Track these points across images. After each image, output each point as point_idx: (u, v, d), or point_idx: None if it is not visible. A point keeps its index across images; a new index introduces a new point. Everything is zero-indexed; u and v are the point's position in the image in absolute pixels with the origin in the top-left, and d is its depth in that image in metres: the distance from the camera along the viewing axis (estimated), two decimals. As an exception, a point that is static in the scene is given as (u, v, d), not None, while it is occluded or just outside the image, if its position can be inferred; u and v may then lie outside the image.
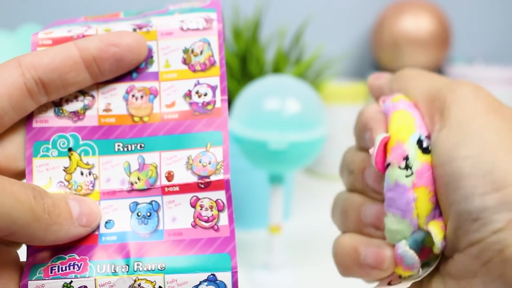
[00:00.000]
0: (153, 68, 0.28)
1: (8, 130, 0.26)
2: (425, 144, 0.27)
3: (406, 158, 0.26)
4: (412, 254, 0.27)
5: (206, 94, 0.27)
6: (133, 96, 0.27)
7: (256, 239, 0.74)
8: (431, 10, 1.08)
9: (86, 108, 0.27)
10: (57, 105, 0.27)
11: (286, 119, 0.57)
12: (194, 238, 0.25)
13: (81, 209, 0.25)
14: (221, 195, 0.26)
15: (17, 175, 0.26)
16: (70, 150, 0.27)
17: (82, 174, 0.26)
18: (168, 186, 0.26)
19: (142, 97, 0.27)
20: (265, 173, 0.66)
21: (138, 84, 0.27)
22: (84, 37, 0.27)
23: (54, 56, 0.25)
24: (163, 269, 0.25)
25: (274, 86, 0.61)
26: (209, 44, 0.28)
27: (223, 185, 0.26)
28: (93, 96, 0.27)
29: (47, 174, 0.26)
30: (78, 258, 0.25)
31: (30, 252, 0.25)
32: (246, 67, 0.83)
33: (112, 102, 0.27)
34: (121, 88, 0.27)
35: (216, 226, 0.26)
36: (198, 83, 0.27)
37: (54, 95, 0.26)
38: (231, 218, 0.26)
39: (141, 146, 0.27)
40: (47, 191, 0.24)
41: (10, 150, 0.26)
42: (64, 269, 0.24)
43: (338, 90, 0.98)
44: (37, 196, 0.23)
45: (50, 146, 0.27)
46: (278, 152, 0.56)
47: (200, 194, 0.26)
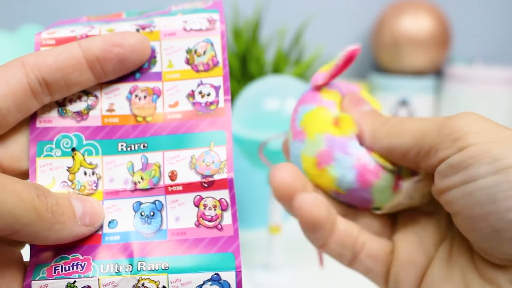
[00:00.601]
0: (156, 68, 0.28)
1: (12, 130, 0.26)
2: None
3: None
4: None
5: (209, 94, 0.27)
6: (136, 96, 0.27)
7: (256, 239, 0.74)
8: (431, 10, 1.09)
9: (89, 108, 0.27)
10: (60, 105, 0.27)
11: (286, 119, 0.57)
12: (197, 238, 0.25)
13: (84, 208, 0.25)
14: (224, 194, 0.26)
15: (20, 175, 0.26)
16: (73, 150, 0.27)
17: (85, 174, 0.26)
18: (171, 186, 0.26)
19: (145, 97, 0.27)
20: (265, 173, 0.66)
21: (141, 84, 0.27)
22: (87, 37, 0.27)
23: (57, 56, 0.26)
24: (167, 268, 0.25)
25: (274, 86, 0.61)
26: (212, 44, 0.28)
27: (227, 184, 0.26)
28: (96, 96, 0.27)
29: (51, 174, 0.26)
30: (81, 258, 0.25)
31: (34, 252, 0.25)
32: (246, 67, 0.83)
33: (115, 102, 0.27)
34: (124, 88, 0.27)
35: (219, 226, 0.26)
36: (201, 83, 0.27)
37: (58, 95, 0.26)
38: (235, 217, 0.26)
39: (144, 146, 0.27)
40: (51, 190, 0.24)
41: (14, 150, 0.26)
42: (67, 269, 0.24)
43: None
44: (40, 195, 0.23)
45: (54, 146, 0.27)
46: (278, 152, 0.56)
47: (203, 194, 0.26)
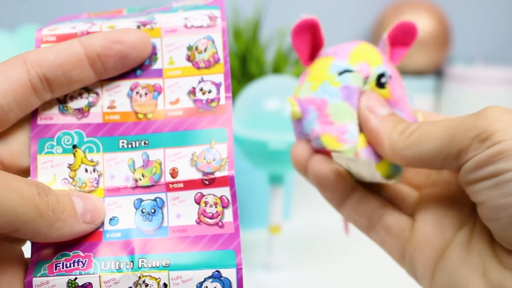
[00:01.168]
0: (157, 65, 0.28)
1: (13, 127, 0.26)
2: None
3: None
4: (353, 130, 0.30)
5: (210, 91, 0.27)
6: (137, 93, 0.27)
7: (256, 239, 0.74)
8: (431, 10, 1.09)
9: (90, 105, 0.27)
10: (61, 102, 0.27)
11: (286, 119, 0.57)
12: (198, 235, 0.25)
13: (85, 205, 0.25)
14: (225, 192, 0.26)
15: (21, 172, 0.26)
16: (74, 147, 0.27)
17: (86, 171, 0.26)
18: (172, 183, 0.26)
19: (146, 94, 0.27)
20: (265, 173, 0.66)
21: (142, 81, 0.27)
22: (88, 34, 0.27)
23: (58, 53, 0.26)
24: (168, 265, 0.25)
25: (274, 86, 0.61)
26: (213, 41, 0.28)
27: (228, 181, 0.26)
28: (97, 93, 0.27)
29: (52, 171, 0.26)
30: (82, 254, 0.25)
31: (35, 249, 0.25)
32: (246, 67, 0.83)
33: (116, 99, 0.27)
34: (125, 85, 0.27)
35: (220, 223, 0.26)
36: (202, 80, 0.27)
37: (59, 92, 0.26)
38: (236, 214, 0.26)
39: (145, 143, 0.27)
40: (52, 188, 0.24)
41: (15, 147, 0.26)
42: (68, 265, 0.24)
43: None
44: (41, 192, 0.23)
45: (55, 143, 0.27)
46: (278, 152, 0.56)
47: (204, 191, 0.26)
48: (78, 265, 0.24)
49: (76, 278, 0.24)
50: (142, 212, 0.26)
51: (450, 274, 0.28)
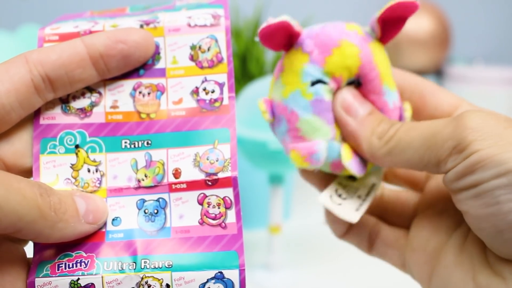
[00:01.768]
0: (160, 64, 0.27)
1: (15, 127, 0.26)
2: None
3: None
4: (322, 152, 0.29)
5: (213, 91, 0.27)
6: (140, 92, 0.27)
7: (256, 239, 0.73)
8: (431, 10, 1.09)
9: (93, 105, 0.27)
10: (64, 102, 0.27)
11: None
12: (201, 236, 0.25)
13: (87, 206, 0.25)
14: (228, 193, 0.26)
15: (24, 172, 0.26)
16: (77, 147, 0.26)
17: (89, 171, 0.26)
18: (175, 183, 0.26)
19: (149, 93, 0.27)
20: (265, 173, 0.66)
21: (145, 80, 0.27)
22: (91, 33, 0.27)
23: (61, 52, 0.25)
24: (170, 266, 0.24)
25: (275, 86, 0.61)
26: (216, 40, 0.28)
27: (231, 182, 0.26)
28: (100, 93, 0.27)
29: (54, 171, 0.26)
30: (85, 255, 0.25)
31: (37, 249, 0.25)
32: (246, 67, 0.83)
33: (119, 99, 0.27)
34: (128, 84, 0.27)
35: (223, 224, 0.26)
36: (205, 80, 0.27)
37: (61, 92, 0.26)
38: (239, 215, 0.26)
39: (148, 143, 0.27)
40: (54, 189, 0.24)
41: (18, 147, 0.26)
42: (71, 266, 0.24)
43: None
44: (43, 193, 0.23)
45: (57, 143, 0.26)
46: (278, 152, 0.56)
47: (207, 192, 0.26)
48: (80, 265, 0.24)
49: (78, 279, 0.24)
50: (145, 212, 0.26)
51: (444, 277, 0.28)
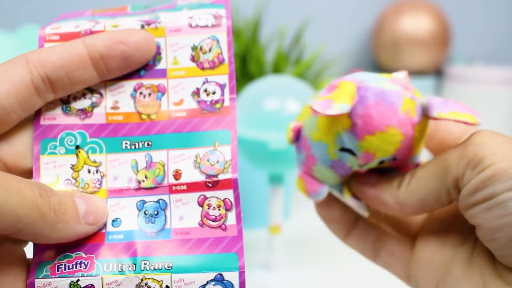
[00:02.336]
0: (161, 65, 0.27)
1: (15, 127, 0.26)
2: None
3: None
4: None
5: (214, 93, 0.27)
6: (140, 93, 0.27)
7: (256, 239, 0.73)
8: (431, 10, 1.09)
9: (93, 105, 0.27)
10: (64, 102, 0.27)
11: (286, 119, 0.57)
12: (201, 238, 0.25)
13: (87, 207, 0.25)
14: (229, 194, 0.26)
15: (24, 173, 0.26)
16: (77, 147, 0.26)
17: (89, 172, 0.26)
18: (175, 185, 0.26)
19: (150, 94, 0.27)
20: (265, 173, 0.66)
21: (146, 81, 0.27)
22: (92, 33, 0.27)
23: (61, 53, 0.25)
24: (170, 268, 0.24)
25: (274, 86, 0.61)
26: (218, 41, 0.27)
27: (231, 184, 0.26)
28: (100, 93, 0.27)
29: (55, 172, 0.26)
30: (84, 256, 0.25)
31: (37, 250, 0.25)
32: (246, 67, 0.83)
33: (119, 99, 0.27)
34: (129, 85, 0.27)
35: (223, 226, 0.25)
36: (206, 81, 0.27)
37: (61, 93, 0.26)
38: (239, 217, 0.25)
39: (148, 144, 0.26)
40: (54, 189, 0.24)
41: (18, 148, 0.26)
42: (70, 267, 0.24)
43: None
44: (43, 194, 0.23)
45: (58, 144, 0.26)
46: (278, 152, 0.56)
47: (207, 193, 0.26)
48: (80, 266, 0.24)
49: (78, 280, 0.24)
50: (145, 214, 0.26)
51: None
